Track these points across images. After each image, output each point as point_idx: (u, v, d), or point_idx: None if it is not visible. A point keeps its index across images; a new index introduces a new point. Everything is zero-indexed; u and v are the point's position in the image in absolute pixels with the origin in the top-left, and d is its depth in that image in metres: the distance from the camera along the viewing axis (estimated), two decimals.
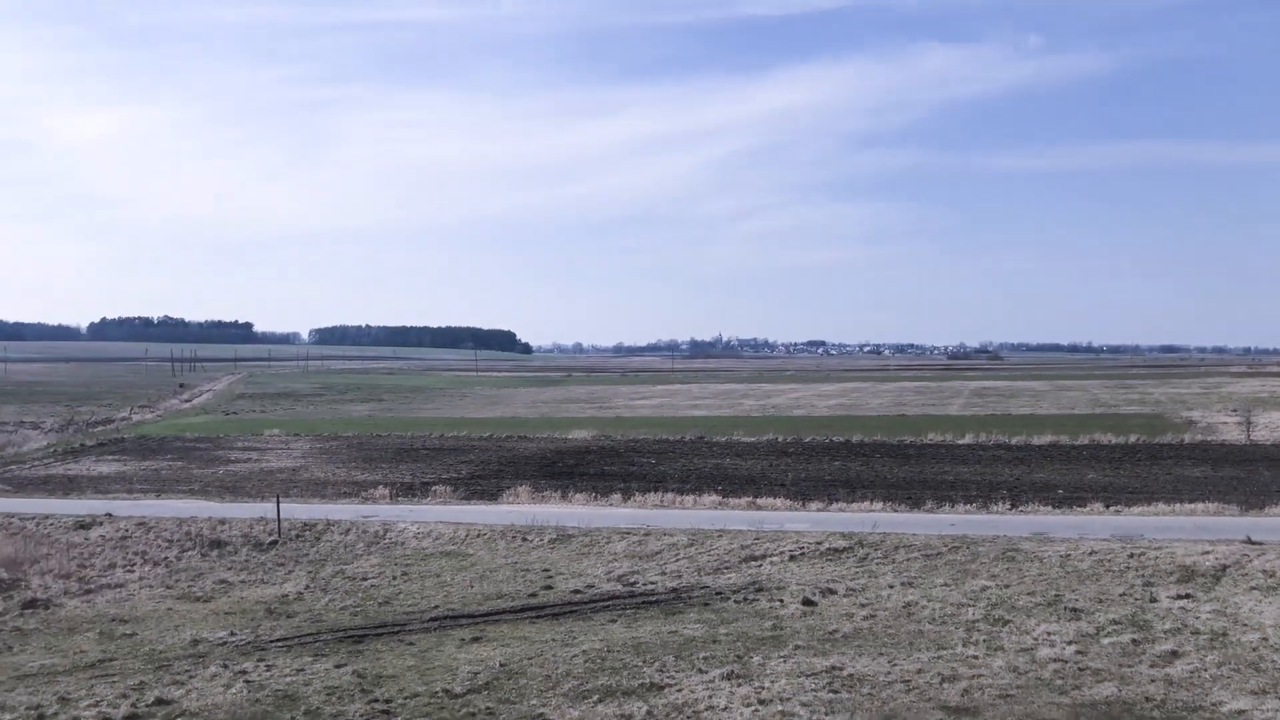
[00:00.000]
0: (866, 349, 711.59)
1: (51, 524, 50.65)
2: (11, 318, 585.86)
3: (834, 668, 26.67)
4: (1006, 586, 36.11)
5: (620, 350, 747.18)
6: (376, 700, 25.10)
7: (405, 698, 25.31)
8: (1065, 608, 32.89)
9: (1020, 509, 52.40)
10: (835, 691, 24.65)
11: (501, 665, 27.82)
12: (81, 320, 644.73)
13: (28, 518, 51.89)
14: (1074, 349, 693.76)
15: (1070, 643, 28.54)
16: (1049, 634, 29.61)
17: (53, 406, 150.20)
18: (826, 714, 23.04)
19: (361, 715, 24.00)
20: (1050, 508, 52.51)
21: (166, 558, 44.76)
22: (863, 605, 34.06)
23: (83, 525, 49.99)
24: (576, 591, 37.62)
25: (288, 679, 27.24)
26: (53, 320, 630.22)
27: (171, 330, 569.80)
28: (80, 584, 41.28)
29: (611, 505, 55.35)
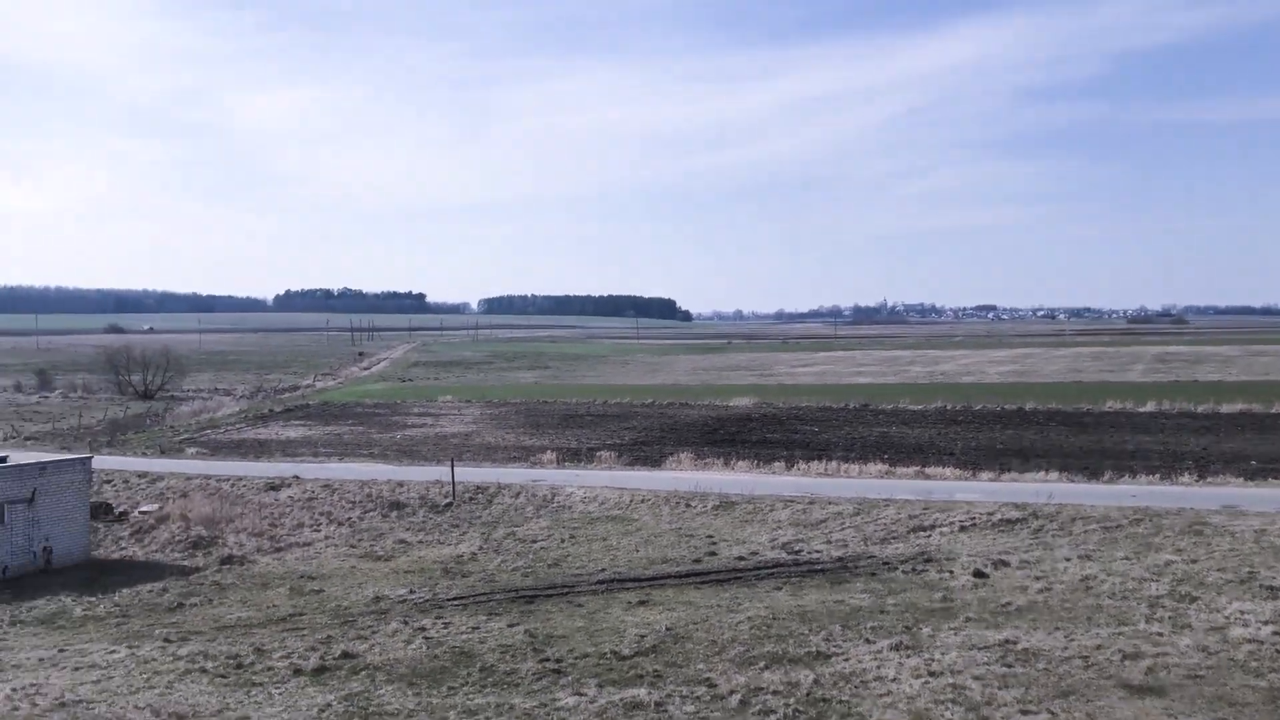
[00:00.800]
0: (1040, 313, 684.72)
1: (245, 485, 53.80)
2: (205, 290, 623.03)
3: (1007, 641, 25.92)
4: (1194, 562, 34.28)
5: (781, 317, 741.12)
6: (547, 659, 25.79)
7: (575, 658, 25.92)
8: (1261, 585, 30.99)
9: (1208, 480, 49.57)
10: (1009, 665, 23.97)
11: (668, 629, 28.16)
12: (268, 293, 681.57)
13: (223, 479, 55.26)
14: (1268, 312, 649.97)
15: (1266, 623, 26.89)
16: (1242, 613, 27.97)
17: (243, 374, 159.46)
18: (1000, 688, 22.44)
19: (533, 674, 24.71)
20: (1242, 480, 49.50)
21: (350, 518, 47.04)
22: (1037, 578, 32.95)
23: (273, 486, 52.94)
24: (740, 558, 37.70)
25: (463, 636, 28.28)
26: (241, 293, 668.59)
27: (350, 301, 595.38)
28: (271, 542, 43.85)
29: (774, 473, 55.13)
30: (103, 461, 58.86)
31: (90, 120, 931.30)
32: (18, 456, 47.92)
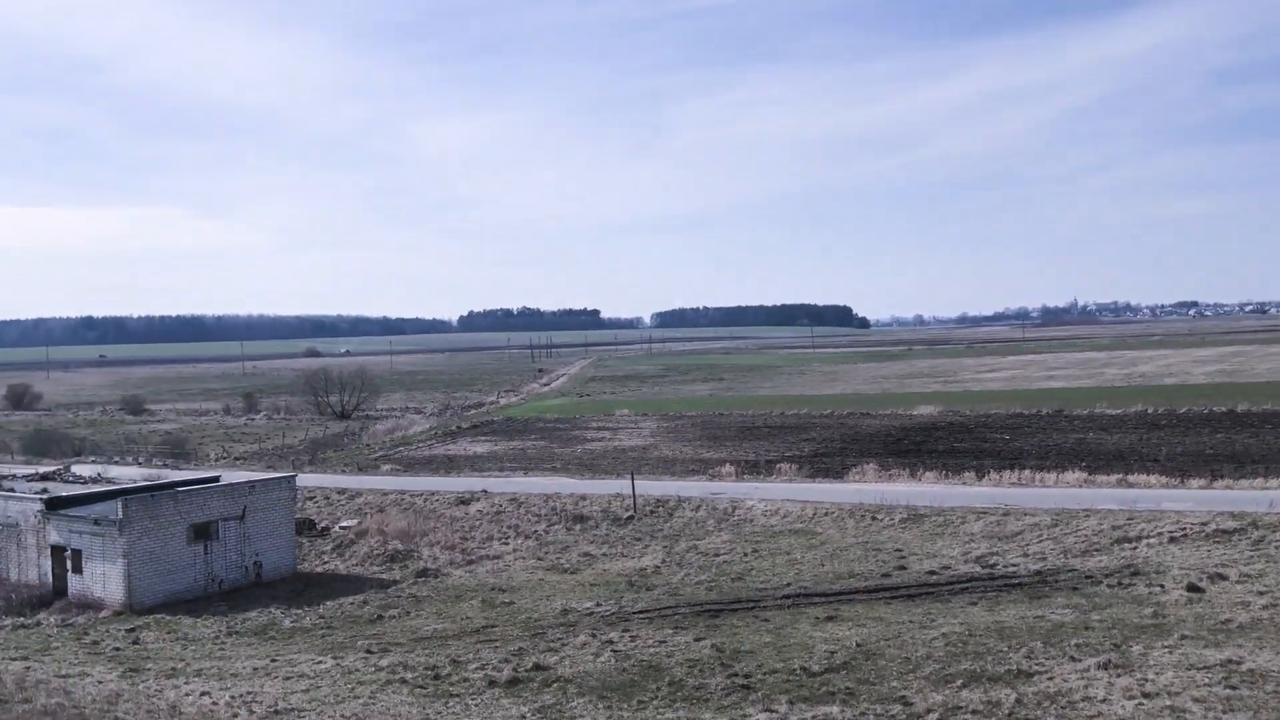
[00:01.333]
0: (1249, 308, 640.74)
1: (437, 500, 55.63)
2: (394, 314, 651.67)
3: (1230, 661, 24.09)
4: None
5: (964, 321, 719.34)
6: (736, 674, 25.51)
7: (764, 673, 25.54)
8: None
9: None
10: (1233, 688, 22.25)
11: (858, 645, 27.45)
12: (452, 313, 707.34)
13: (417, 494, 57.29)
14: None
15: None
16: None
17: (431, 393, 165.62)
18: (1224, 712, 20.85)
19: (722, 689, 24.47)
20: None
21: (536, 531, 47.99)
22: (1260, 593, 30.58)
23: (463, 501, 54.55)
24: (931, 572, 36.47)
25: (651, 650, 28.31)
26: (428, 315, 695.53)
27: (529, 319, 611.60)
28: (463, 555, 45.14)
29: (964, 484, 53.24)
30: (305, 479, 61.99)
31: (282, 156, 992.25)
32: (229, 476, 50.96)
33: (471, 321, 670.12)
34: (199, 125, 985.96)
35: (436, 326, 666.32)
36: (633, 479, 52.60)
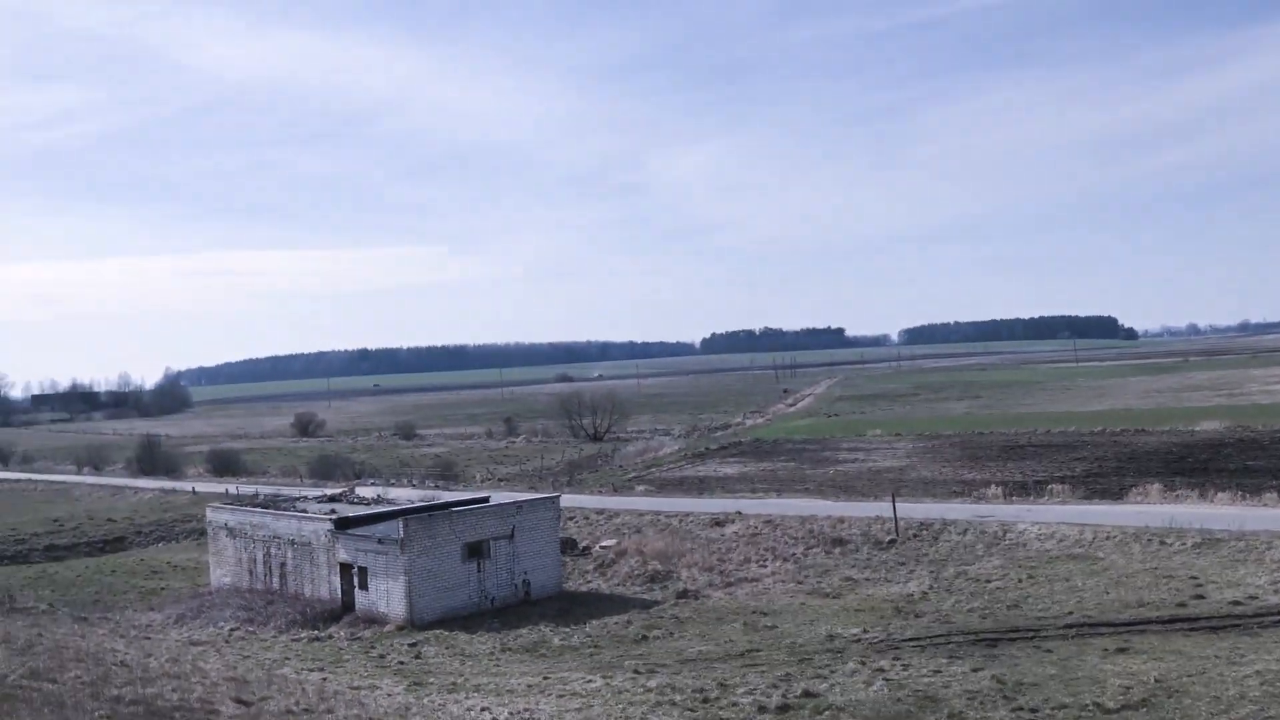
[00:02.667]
0: None
1: (691, 521, 55.90)
2: (639, 338, 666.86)
3: None
4: None
5: (1246, 328, 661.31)
6: (1021, 709, 23.93)
7: (1051, 708, 23.83)
8: None
9: None
10: None
11: (1157, 681, 25.18)
12: (694, 336, 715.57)
13: (671, 515, 57.81)
14: None
15: None
16: None
17: (678, 415, 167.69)
18: None
19: None
20: None
21: (794, 554, 47.27)
22: None
23: (717, 522, 54.53)
24: (1235, 603, 33.20)
25: (925, 679, 27.05)
26: (671, 338, 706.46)
27: (771, 339, 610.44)
28: (721, 576, 45.03)
29: (1265, 505, 48.44)
30: (564, 500, 63.78)
31: (533, 191, 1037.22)
32: (496, 497, 53.04)
33: (714, 343, 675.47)
34: (457, 166, 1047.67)
35: (680, 350, 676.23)
36: (894, 501, 50.96)
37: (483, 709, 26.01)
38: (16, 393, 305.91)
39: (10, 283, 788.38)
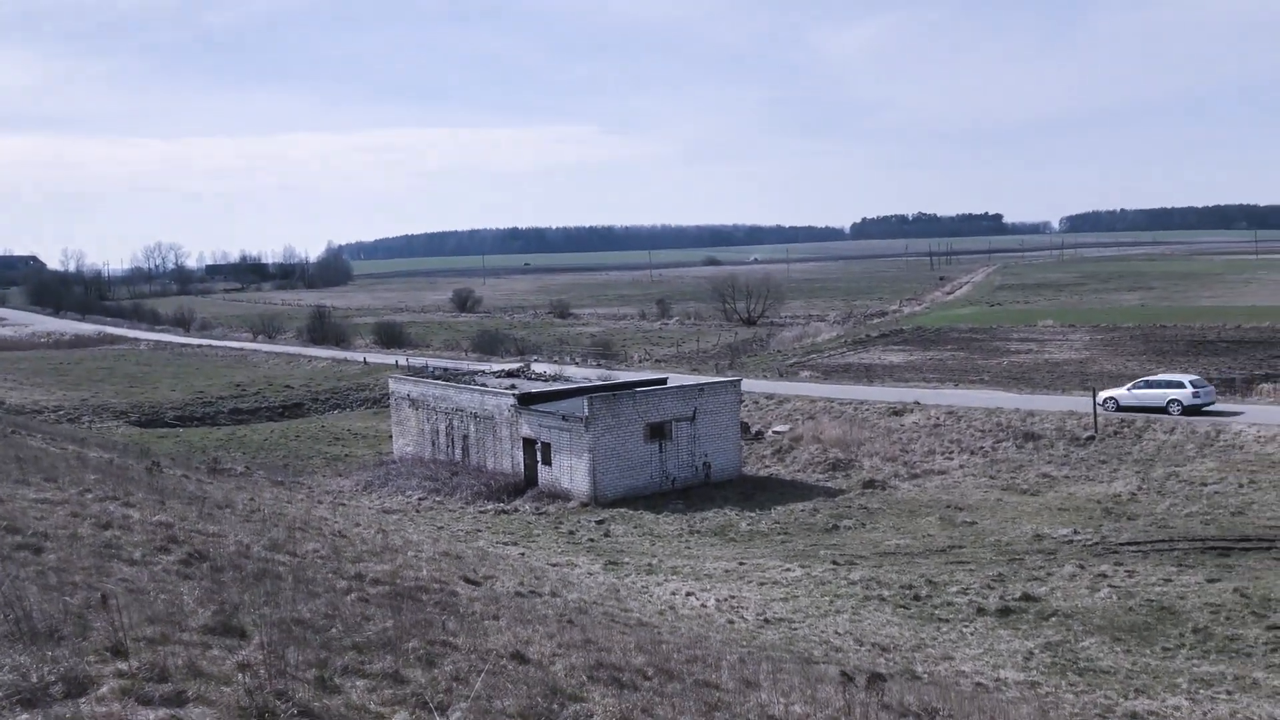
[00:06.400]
0: None
1: (866, 409, 54.22)
2: (787, 223, 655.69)
3: None
4: None
5: None
6: (1276, 627, 22.12)
7: None
8: None
9: None
10: None
11: None
12: (844, 221, 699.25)
13: (845, 403, 56.22)
14: None
15: None
16: None
17: (830, 301, 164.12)
18: None
19: (1266, 644, 21.28)
20: None
21: (982, 447, 45.33)
22: None
23: (895, 412, 52.73)
24: None
25: (1156, 589, 25.36)
26: (820, 223, 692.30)
27: (925, 226, 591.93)
28: (906, 468, 43.57)
29: None
30: None
31: (686, 71, 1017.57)
32: (673, 379, 52.35)
33: (864, 229, 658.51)
34: (613, 45, 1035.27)
35: (829, 235, 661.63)
36: (1093, 395, 48.12)
37: (688, 594, 25.57)
38: (191, 262, 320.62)
39: (187, 158, 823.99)
